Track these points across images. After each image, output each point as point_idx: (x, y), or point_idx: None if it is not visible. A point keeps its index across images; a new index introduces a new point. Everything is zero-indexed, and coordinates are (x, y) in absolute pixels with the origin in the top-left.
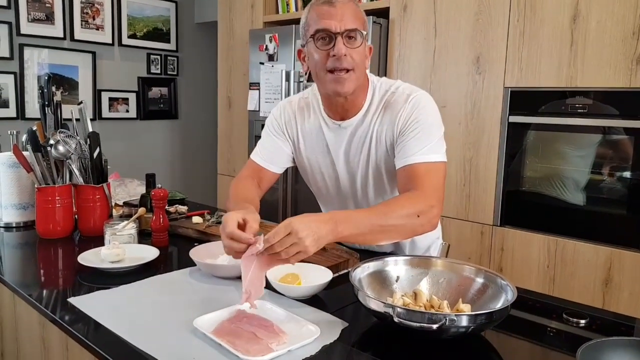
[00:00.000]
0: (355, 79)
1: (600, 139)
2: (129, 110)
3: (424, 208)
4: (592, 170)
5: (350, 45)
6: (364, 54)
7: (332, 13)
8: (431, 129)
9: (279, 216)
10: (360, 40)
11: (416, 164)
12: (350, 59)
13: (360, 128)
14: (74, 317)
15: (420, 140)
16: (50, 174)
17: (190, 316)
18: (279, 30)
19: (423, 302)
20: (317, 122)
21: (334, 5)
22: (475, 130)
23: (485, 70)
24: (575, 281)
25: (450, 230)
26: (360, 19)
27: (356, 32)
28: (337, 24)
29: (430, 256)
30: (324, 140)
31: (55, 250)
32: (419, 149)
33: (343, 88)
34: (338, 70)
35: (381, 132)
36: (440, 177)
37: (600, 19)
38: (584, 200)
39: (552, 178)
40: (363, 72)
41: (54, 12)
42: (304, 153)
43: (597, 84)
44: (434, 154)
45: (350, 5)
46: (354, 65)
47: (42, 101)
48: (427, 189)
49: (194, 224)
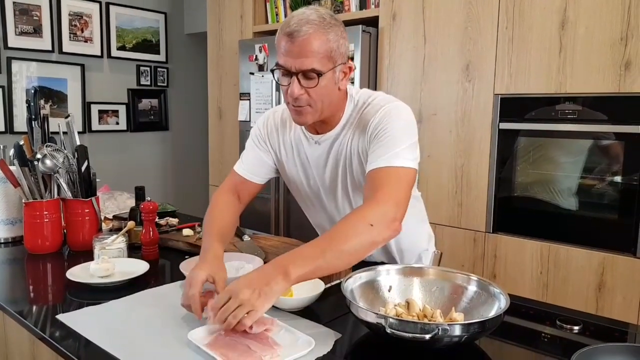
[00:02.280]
0: (313, 112)
1: (591, 144)
2: (119, 122)
3: (375, 216)
4: (583, 176)
5: (307, 85)
6: (328, 86)
7: (291, 50)
8: (399, 136)
9: (272, 227)
10: (317, 79)
11: (377, 169)
12: (306, 97)
13: (337, 142)
14: (63, 334)
15: (386, 147)
16: (38, 189)
17: (182, 330)
18: (268, 40)
19: (416, 312)
20: (298, 135)
21: (293, 41)
22: (466, 137)
23: (475, 78)
24: (569, 287)
25: (443, 238)
26: (321, 53)
27: (312, 72)
28: (294, 63)
29: (423, 265)
30: (304, 154)
31: (44, 266)
32: (383, 154)
33: (300, 119)
34: (295, 104)
35: (356, 144)
36: (400, 182)
37: (589, 25)
38: (576, 206)
39: (544, 184)
40: (330, 100)
41: (42, 25)
42: (285, 165)
43: (586, 90)
44: (397, 159)
45: (312, 37)
46: (311, 102)
47: (29, 115)
48: (382, 195)
49: (184, 237)
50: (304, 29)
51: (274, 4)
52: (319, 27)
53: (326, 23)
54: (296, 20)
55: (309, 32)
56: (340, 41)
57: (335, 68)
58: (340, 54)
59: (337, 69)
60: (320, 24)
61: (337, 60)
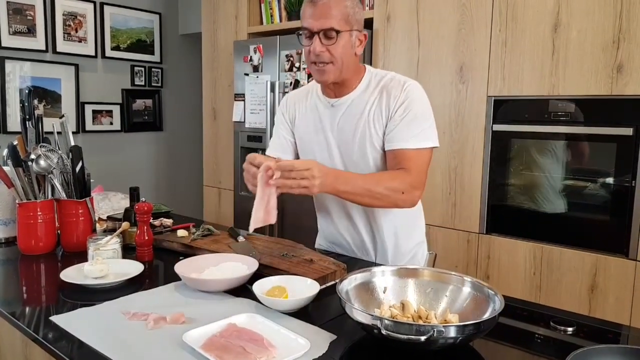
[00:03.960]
0: (334, 69)
1: (583, 146)
2: (113, 122)
3: (408, 188)
4: (575, 177)
5: (327, 43)
6: (345, 46)
7: (313, 13)
8: (422, 117)
9: (266, 227)
10: (336, 37)
11: (405, 149)
12: (327, 54)
13: (354, 106)
14: (57, 336)
15: (410, 127)
16: (32, 189)
17: (177, 332)
18: (263, 41)
19: (411, 313)
20: (313, 102)
21: (315, 5)
22: (460, 138)
23: (468, 79)
24: (562, 288)
25: (436, 239)
26: (339, 15)
27: (332, 30)
28: (315, 23)
29: (417, 267)
30: (318, 118)
31: (38, 267)
32: (409, 134)
33: (322, 77)
34: (318, 63)
35: (375, 111)
36: (424, 163)
37: (581, 28)
38: (568, 207)
39: (537, 185)
40: (348, 61)
41: (36, 25)
42: (300, 131)
43: (578, 92)
44: (422, 141)
45: (331, 2)
46: (332, 59)
47: (23, 115)
48: (413, 172)
49: (179, 238)
50: None
51: (268, 5)
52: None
53: None
54: None
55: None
56: (355, 9)
57: (352, 31)
58: (356, 20)
59: (353, 33)
60: None
61: (354, 25)
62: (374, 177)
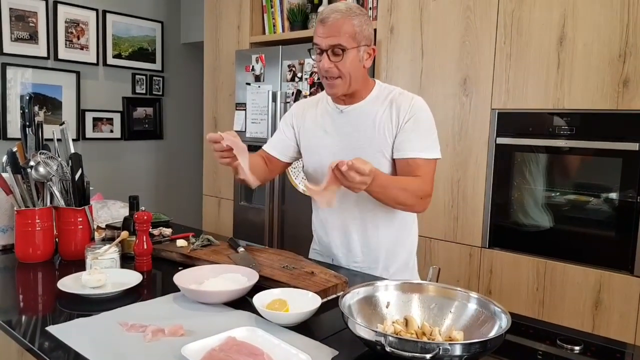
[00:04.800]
0: (342, 83)
1: (588, 161)
2: (113, 130)
3: (423, 195)
4: (580, 192)
5: (335, 60)
6: (353, 62)
7: (322, 32)
8: (430, 129)
9: (265, 237)
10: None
11: (417, 158)
12: (335, 69)
13: (363, 113)
14: (53, 346)
15: (420, 138)
16: (31, 196)
17: (175, 344)
18: (265, 51)
19: (414, 329)
20: (323, 109)
21: (324, 25)
22: (463, 151)
23: (472, 92)
24: (565, 304)
25: (438, 253)
26: (347, 34)
27: (339, 47)
28: (324, 41)
29: (422, 282)
30: (326, 123)
31: (35, 275)
32: (420, 145)
33: (332, 90)
34: (328, 77)
35: (385, 120)
36: (433, 172)
37: (587, 41)
38: (572, 222)
39: (540, 199)
40: (356, 75)
41: (38, 32)
42: (309, 135)
43: (584, 106)
44: (431, 152)
45: (340, 21)
46: (340, 74)
47: (23, 121)
48: (425, 180)
49: (178, 248)
50: (332, 16)
51: (271, 15)
52: (345, 15)
53: (352, 12)
54: (328, 9)
55: (336, 19)
56: (363, 26)
57: (359, 47)
58: (363, 37)
59: (361, 48)
60: (346, 12)
61: (361, 41)
62: (401, 181)
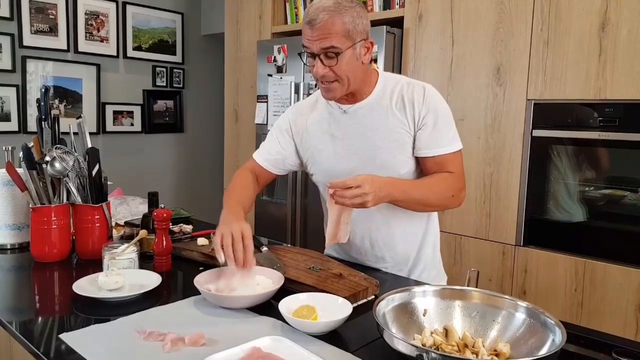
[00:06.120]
0: (340, 86)
1: (632, 154)
2: (134, 123)
3: (456, 191)
4: (622, 187)
5: (329, 63)
6: (349, 62)
7: (311, 35)
8: (450, 121)
9: (288, 233)
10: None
11: (445, 154)
12: (331, 73)
13: (371, 112)
14: (67, 356)
15: (443, 132)
16: (46, 193)
17: (197, 355)
18: (287, 41)
19: (455, 340)
20: (324, 110)
21: (312, 26)
22: (496, 144)
23: (506, 82)
24: (606, 306)
25: (469, 250)
26: (339, 33)
27: (332, 50)
28: (314, 45)
29: (462, 287)
30: (331, 125)
31: (51, 275)
32: (445, 140)
33: (329, 95)
34: (324, 81)
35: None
36: (462, 163)
37: (632, 27)
38: (613, 219)
39: (579, 195)
40: (354, 74)
41: (58, 24)
42: (312, 140)
43: (628, 96)
44: (455, 144)
45: (329, 21)
46: (337, 78)
47: (39, 115)
48: (457, 175)
49: (199, 247)
50: (320, 17)
51: (293, 4)
52: (334, 13)
53: (341, 7)
54: (314, 9)
55: (324, 19)
56: (356, 21)
57: (354, 45)
58: (358, 32)
59: (357, 45)
60: (335, 9)
61: (356, 38)
62: (425, 184)
